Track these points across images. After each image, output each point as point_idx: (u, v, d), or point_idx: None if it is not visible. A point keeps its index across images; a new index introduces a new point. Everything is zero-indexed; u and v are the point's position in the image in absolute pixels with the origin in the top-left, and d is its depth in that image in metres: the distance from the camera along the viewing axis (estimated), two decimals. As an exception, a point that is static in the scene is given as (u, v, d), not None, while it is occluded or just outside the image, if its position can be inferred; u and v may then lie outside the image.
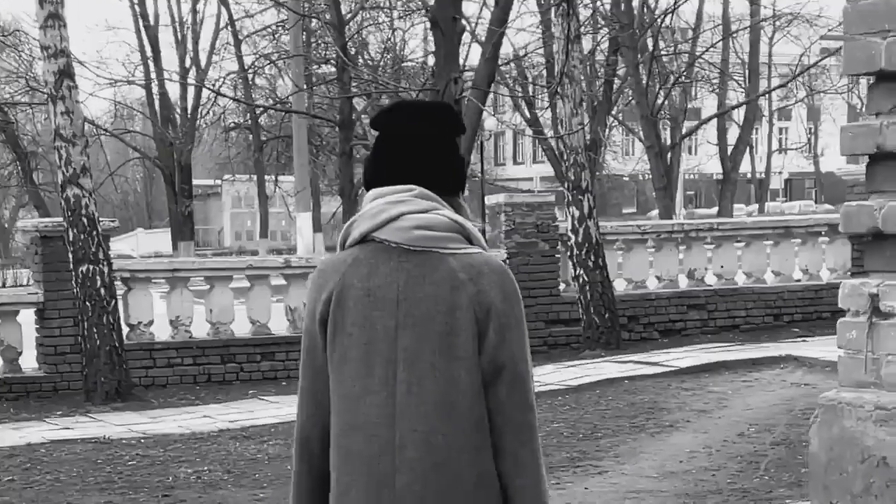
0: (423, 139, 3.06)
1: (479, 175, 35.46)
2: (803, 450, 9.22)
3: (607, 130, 35.74)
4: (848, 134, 3.81)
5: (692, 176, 66.45)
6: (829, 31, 30.01)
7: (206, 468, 9.61)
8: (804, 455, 9.07)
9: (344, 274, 3.03)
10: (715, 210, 54.51)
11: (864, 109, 15.45)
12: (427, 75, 23.80)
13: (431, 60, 26.73)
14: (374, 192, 3.07)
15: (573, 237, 15.34)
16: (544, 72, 33.06)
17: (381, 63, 29.05)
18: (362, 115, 30.43)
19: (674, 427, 10.33)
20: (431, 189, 3.05)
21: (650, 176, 47.29)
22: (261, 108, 33.47)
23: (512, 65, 33.15)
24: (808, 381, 12.23)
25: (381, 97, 26.21)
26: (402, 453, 2.96)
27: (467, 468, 2.95)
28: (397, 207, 2.99)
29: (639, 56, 27.98)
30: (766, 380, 12.42)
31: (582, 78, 18.06)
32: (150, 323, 14.40)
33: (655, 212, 48.10)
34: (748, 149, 42.96)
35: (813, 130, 62.12)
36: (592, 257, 15.26)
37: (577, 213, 15.35)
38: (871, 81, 3.80)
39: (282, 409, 12.31)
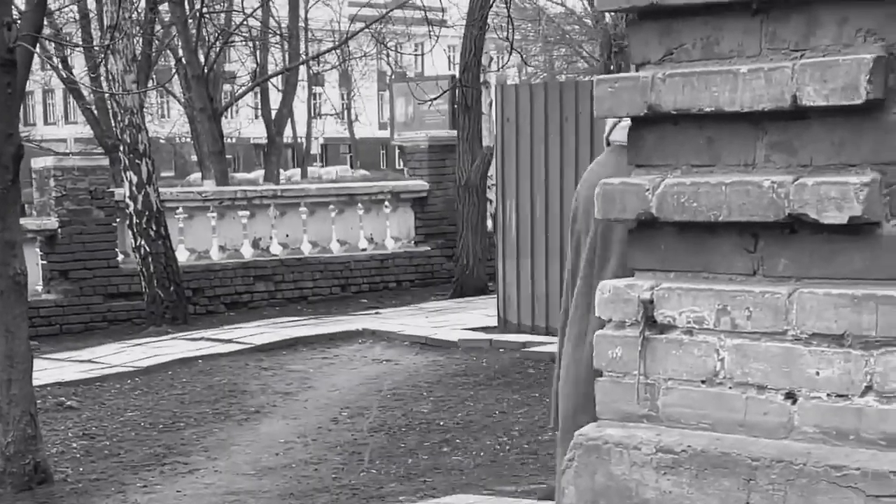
0: None
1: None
2: (405, 437, 8.64)
3: (146, 92, 34.37)
4: (607, 89, 2.91)
5: (230, 140, 65.48)
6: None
7: None
8: (406, 443, 8.49)
9: (585, 179, 3.75)
10: (255, 175, 54.02)
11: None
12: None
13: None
14: None
15: (132, 204, 14.17)
16: (79, 30, 31.36)
17: None
18: None
19: (261, 413, 9.51)
20: None
21: (189, 139, 45.99)
22: None
23: (45, 20, 31.14)
24: (388, 356, 11.75)
25: None
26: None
27: None
28: None
29: (187, 12, 26.74)
30: (347, 356, 11.81)
31: (134, 33, 16.87)
32: None
33: (196, 175, 46.86)
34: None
35: (347, 97, 62.40)
36: (154, 226, 14.16)
37: (135, 179, 14.21)
38: (632, 18, 2.94)
39: None
